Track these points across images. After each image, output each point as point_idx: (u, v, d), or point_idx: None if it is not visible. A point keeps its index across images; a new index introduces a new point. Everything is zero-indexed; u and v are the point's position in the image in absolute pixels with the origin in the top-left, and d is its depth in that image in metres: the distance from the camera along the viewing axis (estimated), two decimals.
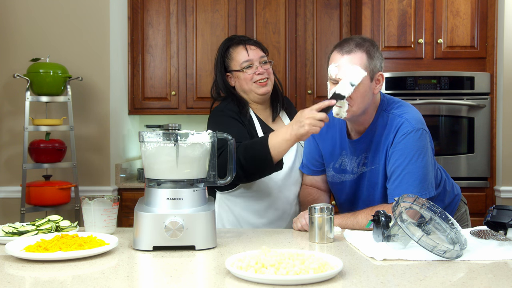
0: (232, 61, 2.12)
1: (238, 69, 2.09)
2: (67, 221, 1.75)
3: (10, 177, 3.45)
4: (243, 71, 2.08)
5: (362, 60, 1.75)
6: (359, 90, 1.75)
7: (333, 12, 3.89)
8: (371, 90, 1.80)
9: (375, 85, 1.81)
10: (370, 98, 1.81)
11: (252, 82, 2.08)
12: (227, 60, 2.14)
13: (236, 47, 2.12)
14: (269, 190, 2.02)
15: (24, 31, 3.45)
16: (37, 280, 1.24)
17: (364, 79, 1.76)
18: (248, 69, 2.08)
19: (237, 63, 2.10)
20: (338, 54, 1.78)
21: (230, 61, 2.13)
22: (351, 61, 1.75)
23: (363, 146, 1.89)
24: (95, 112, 3.48)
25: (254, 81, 2.08)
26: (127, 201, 3.52)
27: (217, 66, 2.16)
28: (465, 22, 3.47)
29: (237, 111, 2.06)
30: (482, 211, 3.37)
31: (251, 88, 2.08)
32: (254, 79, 2.07)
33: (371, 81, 1.78)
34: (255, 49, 2.11)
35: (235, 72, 2.11)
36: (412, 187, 1.77)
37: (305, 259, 1.27)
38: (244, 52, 2.09)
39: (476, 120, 3.44)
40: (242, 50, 2.10)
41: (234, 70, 2.11)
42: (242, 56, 2.09)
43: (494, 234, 1.62)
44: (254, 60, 2.08)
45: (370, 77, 1.78)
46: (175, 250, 1.51)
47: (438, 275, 1.27)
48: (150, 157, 1.60)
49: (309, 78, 3.89)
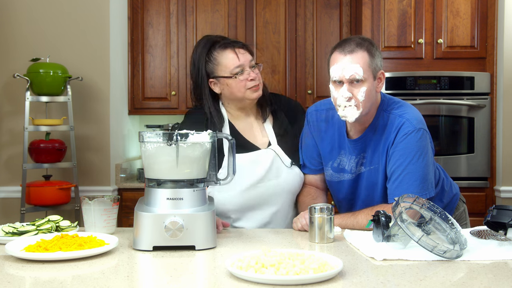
0: (219, 66, 1.96)
1: (228, 75, 1.95)
2: (67, 221, 1.75)
3: (10, 177, 3.45)
4: (234, 78, 1.94)
5: (364, 59, 1.75)
6: (366, 91, 1.75)
7: (333, 12, 3.89)
8: (374, 88, 1.80)
9: (377, 84, 1.82)
10: (374, 97, 1.81)
11: (246, 88, 1.96)
12: (210, 65, 1.97)
13: (222, 51, 1.96)
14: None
15: (24, 31, 3.45)
16: (37, 280, 1.24)
17: (368, 78, 1.76)
18: (240, 75, 1.94)
19: (225, 68, 1.95)
20: (340, 55, 1.78)
21: (215, 66, 1.97)
22: (354, 60, 1.74)
23: (362, 146, 1.89)
24: (95, 112, 3.48)
25: (247, 88, 1.96)
26: (127, 201, 3.52)
27: (197, 71, 1.99)
28: (465, 22, 3.47)
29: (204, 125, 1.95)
30: (482, 211, 3.37)
31: (243, 95, 1.97)
32: (247, 85, 1.95)
33: (374, 80, 1.79)
34: (244, 52, 1.98)
35: (222, 79, 1.96)
36: (413, 187, 1.77)
37: (305, 259, 1.27)
38: (234, 57, 1.95)
39: (476, 120, 3.44)
40: (231, 54, 1.95)
41: (222, 77, 1.96)
42: (232, 61, 1.94)
43: (494, 234, 1.62)
44: (245, 65, 1.95)
45: (373, 76, 1.78)
46: (175, 250, 1.51)
47: (438, 275, 1.27)
48: (150, 157, 1.60)
49: (309, 78, 3.89)
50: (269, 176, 1.97)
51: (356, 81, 1.75)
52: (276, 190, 1.98)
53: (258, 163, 1.97)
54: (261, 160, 1.97)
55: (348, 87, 1.76)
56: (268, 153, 1.99)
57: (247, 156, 1.97)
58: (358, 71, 1.74)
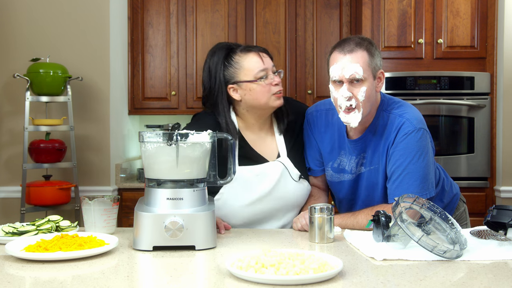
0: (241, 70, 1.86)
1: (251, 79, 1.85)
2: (67, 221, 1.75)
3: (10, 177, 3.45)
4: (258, 82, 1.85)
5: (364, 59, 1.75)
6: (366, 90, 1.75)
7: (333, 12, 3.89)
8: (374, 88, 1.80)
9: (377, 83, 1.81)
10: (374, 96, 1.81)
11: (271, 94, 1.86)
12: (230, 70, 1.88)
13: (245, 55, 1.87)
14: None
15: (24, 31, 3.45)
16: (37, 280, 1.24)
17: (368, 78, 1.76)
18: (264, 80, 1.85)
19: (249, 72, 1.85)
20: (339, 54, 1.77)
21: (237, 71, 1.87)
22: (353, 60, 1.74)
23: (362, 146, 1.89)
24: (95, 112, 3.48)
25: (272, 93, 1.86)
26: (127, 201, 3.52)
27: (214, 78, 1.89)
28: (465, 22, 3.47)
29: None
30: (482, 211, 3.37)
31: (267, 102, 1.86)
32: (272, 90, 1.86)
33: (373, 79, 1.79)
34: (267, 57, 1.89)
35: (245, 84, 1.86)
36: (413, 187, 1.77)
37: (305, 259, 1.27)
38: (258, 60, 1.86)
39: (476, 120, 3.44)
40: (255, 57, 1.86)
41: (245, 81, 1.86)
42: (257, 64, 1.85)
43: (494, 234, 1.62)
44: (269, 69, 1.87)
45: (372, 75, 1.78)
46: (175, 250, 1.51)
47: (438, 275, 1.27)
48: (150, 157, 1.60)
49: (309, 78, 3.89)
50: (275, 191, 1.91)
51: (356, 81, 1.75)
52: (282, 206, 1.93)
53: (265, 176, 1.90)
54: (269, 173, 1.90)
55: (348, 86, 1.75)
56: (276, 166, 1.92)
57: (254, 169, 1.90)
58: (358, 71, 1.73)
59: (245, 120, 1.95)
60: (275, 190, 1.91)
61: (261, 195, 1.90)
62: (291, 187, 1.94)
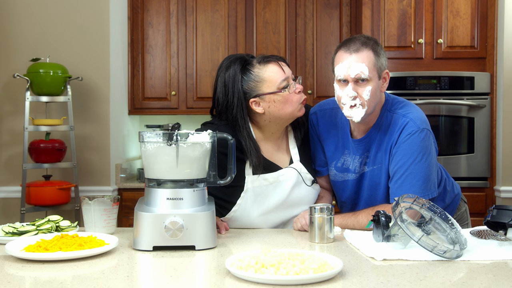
0: (262, 83, 1.80)
1: (275, 90, 1.79)
2: (67, 221, 1.75)
3: (10, 177, 3.45)
4: (282, 92, 1.80)
5: (370, 58, 1.74)
6: (371, 90, 1.75)
7: (333, 12, 3.89)
8: (379, 88, 1.80)
9: (382, 83, 1.81)
10: (379, 96, 1.81)
11: (299, 103, 1.82)
12: (250, 84, 1.81)
13: (265, 66, 1.81)
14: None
15: (24, 31, 3.45)
16: (37, 280, 1.24)
17: (374, 78, 1.75)
18: (289, 89, 1.80)
19: (271, 84, 1.79)
20: (345, 54, 1.76)
21: (258, 84, 1.80)
22: (359, 59, 1.74)
23: (366, 146, 1.88)
24: (95, 112, 3.48)
25: (300, 102, 1.82)
26: (127, 201, 3.52)
27: (232, 93, 1.80)
28: (465, 22, 3.47)
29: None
30: (482, 211, 3.37)
31: (293, 111, 1.82)
32: (298, 100, 1.82)
33: (378, 79, 1.78)
34: (285, 65, 1.84)
35: (268, 96, 1.80)
36: (415, 188, 1.76)
37: (305, 259, 1.27)
38: (279, 70, 1.81)
39: (476, 120, 3.44)
40: (275, 67, 1.81)
41: (268, 93, 1.79)
42: (278, 74, 1.80)
43: (494, 234, 1.62)
44: (289, 77, 1.82)
45: (378, 75, 1.77)
46: (175, 250, 1.51)
47: (438, 275, 1.27)
48: (150, 157, 1.60)
49: (309, 78, 3.89)
50: (291, 197, 1.89)
51: (361, 80, 1.74)
52: (298, 212, 1.91)
53: (280, 183, 1.88)
54: (283, 180, 1.88)
55: (353, 86, 1.75)
56: (290, 172, 1.90)
57: (269, 178, 1.87)
58: (364, 70, 1.73)
59: (265, 131, 1.91)
60: (290, 197, 1.89)
61: (277, 203, 1.89)
62: (305, 193, 1.93)
